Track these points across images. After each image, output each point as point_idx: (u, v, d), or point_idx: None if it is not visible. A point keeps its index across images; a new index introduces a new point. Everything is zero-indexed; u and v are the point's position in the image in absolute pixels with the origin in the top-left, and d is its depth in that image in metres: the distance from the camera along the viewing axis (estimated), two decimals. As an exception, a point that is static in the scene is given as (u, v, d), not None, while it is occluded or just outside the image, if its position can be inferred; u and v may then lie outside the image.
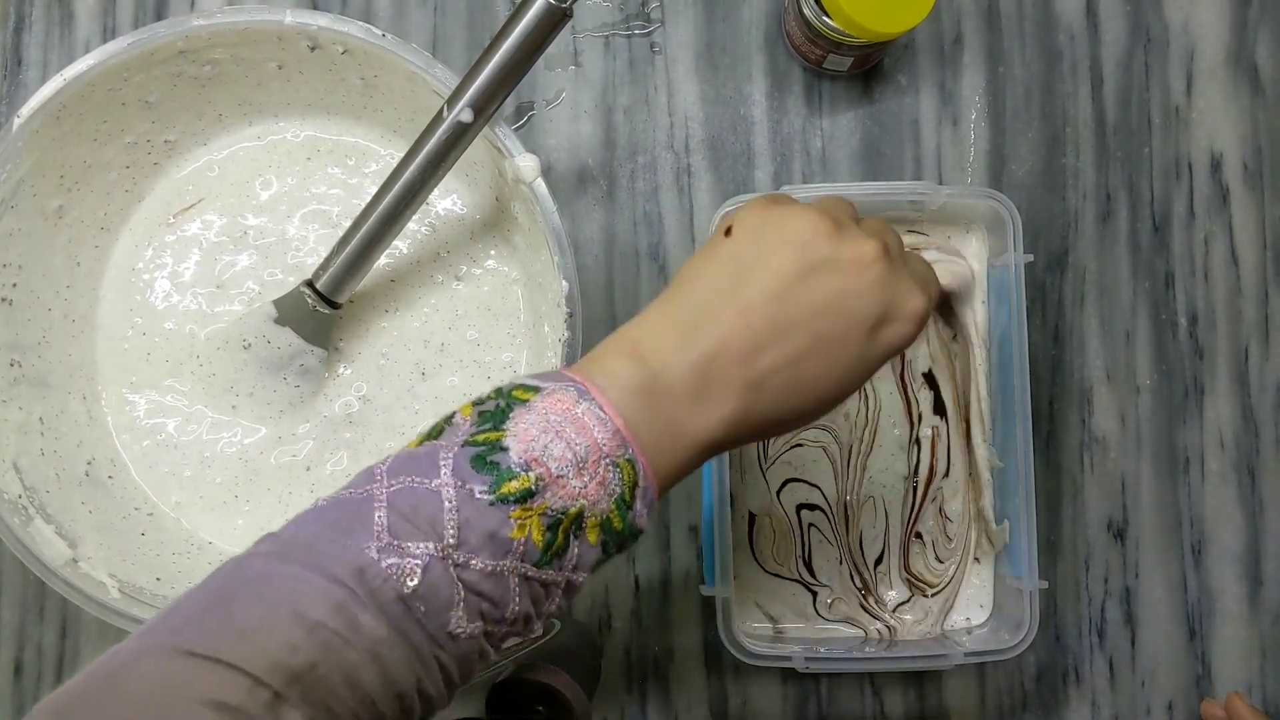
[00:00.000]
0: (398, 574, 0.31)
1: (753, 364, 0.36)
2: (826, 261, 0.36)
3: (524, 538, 0.33)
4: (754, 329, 0.36)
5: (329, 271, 0.52)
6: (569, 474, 0.33)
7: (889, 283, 0.37)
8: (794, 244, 0.36)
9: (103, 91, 0.51)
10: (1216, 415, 0.60)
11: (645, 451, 0.35)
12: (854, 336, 0.37)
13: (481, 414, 0.35)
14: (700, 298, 0.37)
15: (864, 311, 0.36)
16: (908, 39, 0.61)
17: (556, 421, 0.34)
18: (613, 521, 0.34)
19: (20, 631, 0.59)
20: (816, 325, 0.36)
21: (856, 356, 0.37)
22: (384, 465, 0.34)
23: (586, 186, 0.60)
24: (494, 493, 0.32)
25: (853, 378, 0.37)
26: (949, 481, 0.58)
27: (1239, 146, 0.61)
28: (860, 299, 0.36)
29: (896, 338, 0.38)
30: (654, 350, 0.36)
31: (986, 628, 0.57)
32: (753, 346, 0.36)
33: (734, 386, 0.35)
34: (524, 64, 0.47)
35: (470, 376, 0.57)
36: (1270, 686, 0.59)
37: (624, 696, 0.59)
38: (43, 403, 0.54)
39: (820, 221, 0.37)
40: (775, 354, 0.36)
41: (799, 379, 0.36)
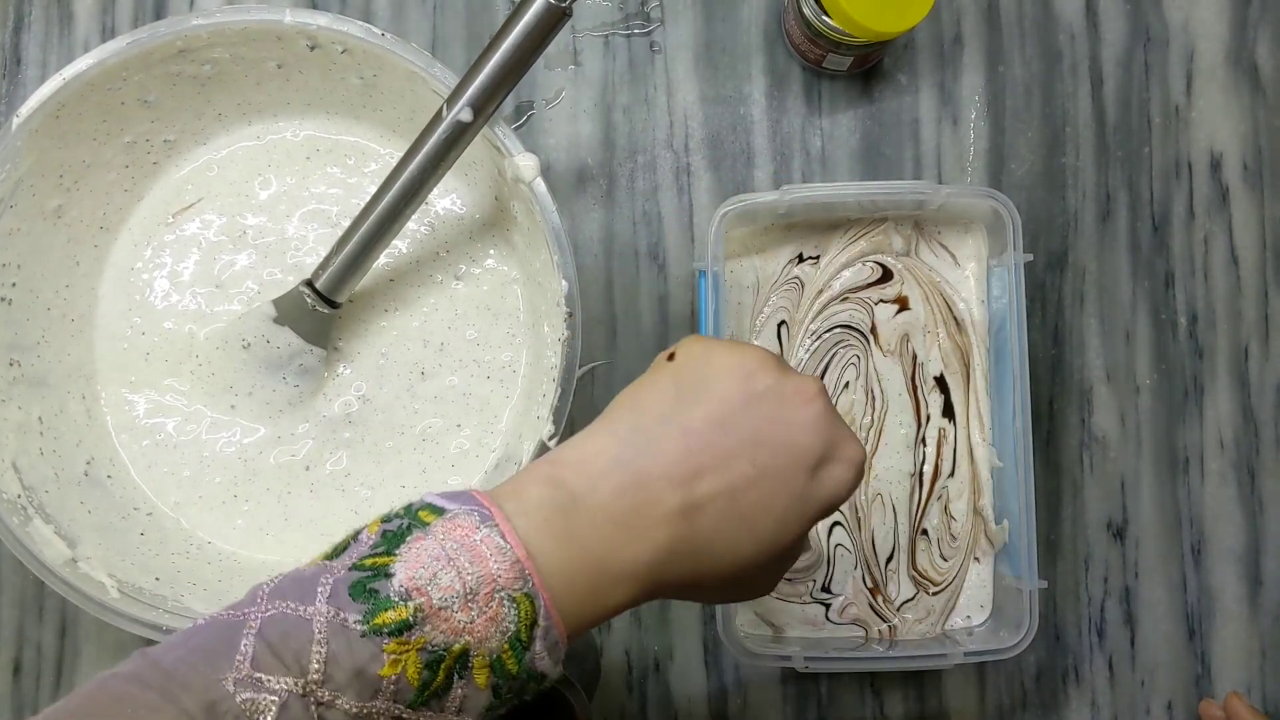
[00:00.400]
0: (250, 710, 0.29)
1: (691, 489, 0.34)
2: (770, 391, 0.35)
3: (396, 675, 0.30)
4: (694, 453, 0.34)
5: (328, 271, 0.52)
6: (454, 606, 0.31)
7: (829, 421, 0.36)
8: (738, 373, 0.36)
9: (102, 91, 0.51)
10: (1216, 415, 0.60)
11: (552, 586, 0.32)
12: (796, 471, 0.35)
13: (384, 533, 0.33)
14: (639, 419, 0.35)
15: (807, 445, 0.35)
16: (907, 38, 0.61)
17: (451, 548, 0.31)
18: (505, 662, 0.31)
19: (19, 631, 0.59)
20: (759, 455, 0.35)
21: (797, 494, 0.35)
22: (269, 584, 0.32)
23: (586, 186, 0.60)
24: (368, 623, 0.30)
25: (792, 519, 0.35)
26: (954, 481, 0.58)
27: (1239, 146, 0.61)
28: (803, 432, 0.35)
29: (837, 482, 0.36)
30: (579, 474, 0.34)
31: (986, 627, 0.57)
32: (692, 471, 0.34)
33: (667, 512, 0.33)
34: (523, 63, 0.47)
35: (469, 376, 0.57)
36: (1270, 686, 0.59)
37: (624, 696, 0.59)
38: (42, 402, 0.54)
39: (764, 355, 0.36)
40: (715, 480, 0.34)
41: (738, 510, 0.34)
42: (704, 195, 0.60)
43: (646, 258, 0.60)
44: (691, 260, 0.60)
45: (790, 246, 0.59)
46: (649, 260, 0.60)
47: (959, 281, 0.59)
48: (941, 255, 0.59)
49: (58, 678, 0.59)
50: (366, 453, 0.56)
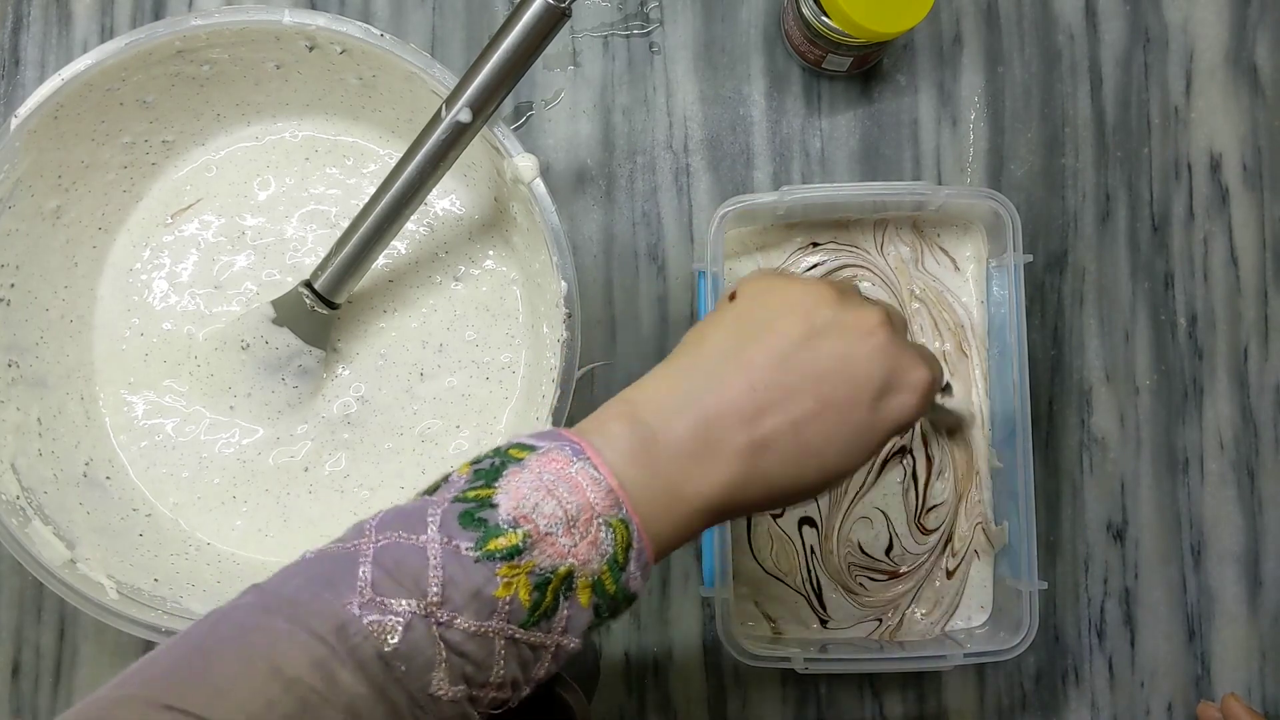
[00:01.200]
0: (379, 631, 0.30)
1: (756, 426, 0.35)
2: (830, 325, 0.36)
3: (510, 596, 0.32)
4: (757, 390, 0.35)
5: (327, 272, 0.52)
6: (558, 531, 0.32)
7: (892, 351, 0.37)
8: (798, 308, 0.36)
9: (100, 91, 0.51)
10: (1216, 416, 0.60)
11: (640, 513, 0.34)
12: (859, 402, 0.36)
13: (476, 471, 0.34)
14: (703, 360, 0.36)
15: (868, 376, 0.36)
16: (907, 39, 0.61)
17: (549, 480, 0.33)
18: (605, 583, 0.33)
19: (18, 632, 0.59)
20: (821, 389, 0.36)
21: (862, 424, 0.36)
22: (374, 520, 0.33)
23: (585, 186, 0.60)
24: (480, 549, 0.32)
25: (857, 447, 0.37)
26: (954, 481, 0.58)
27: (1238, 147, 0.61)
28: (865, 364, 0.36)
29: (901, 408, 0.37)
30: (654, 411, 0.35)
31: (986, 628, 0.57)
32: (756, 408, 0.35)
33: (736, 448, 0.35)
34: (523, 64, 0.47)
35: (469, 377, 0.57)
36: (1270, 687, 0.59)
37: (623, 697, 0.59)
38: (40, 403, 0.53)
39: (824, 289, 0.37)
40: (779, 416, 0.35)
41: (803, 444, 0.35)
42: (703, 196, 0.60)
43: (646, 258, 0.60)
44: (691, 261, 0.60)
45: (790, 247, 0.59)
46: (648, 261, 0.60)
47: (958, 283, 0.59)
48: (941, 256, 0.59)
49: (56, 679, 0.58)
50: (365, 454, 0.56)
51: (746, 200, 0.55)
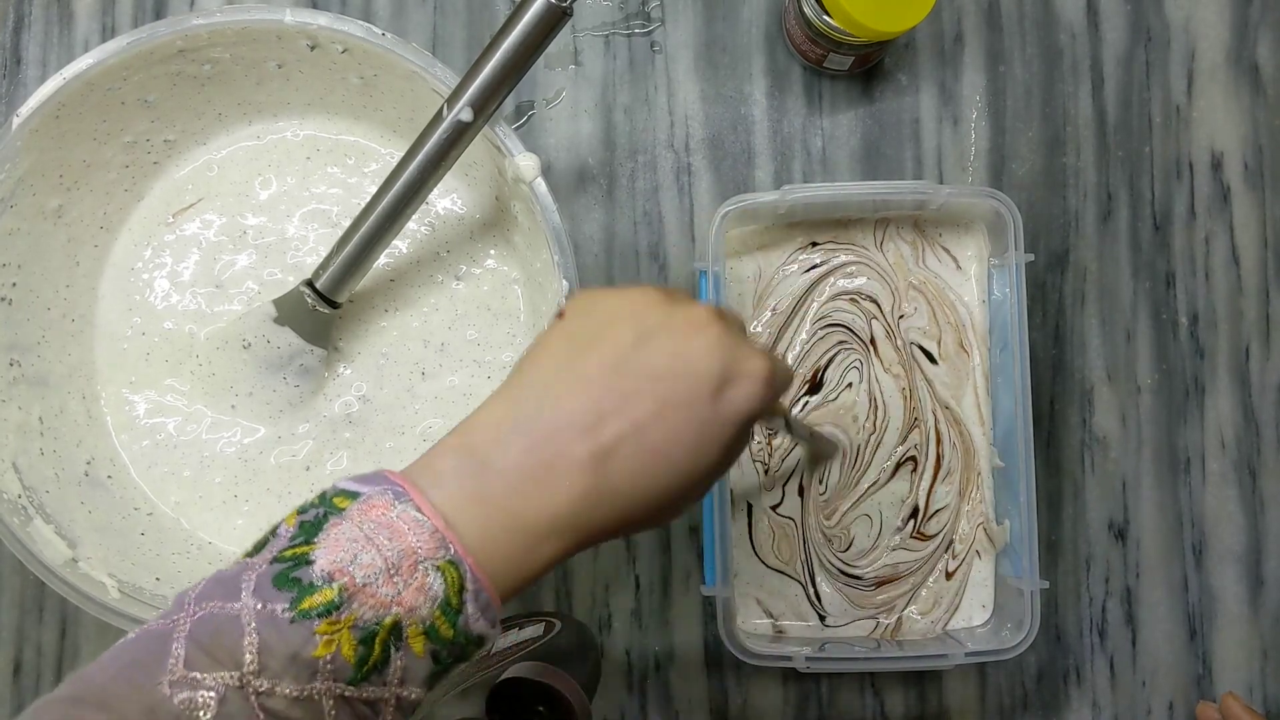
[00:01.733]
0: (189, 709, 0.29)
1: (596, 435, 0.34)
2: (661, 326, 0.35)
3: (331, 654, 0.31)
4: (594, 399, 0.34)
5: (328, 271, 0.52)
6: (378, 581, 0.31)
7: (727, 343, 0.36)
8: (627, 315, 0.36)
9: (102, 91, 0.51)
10: (1217, 415, 0.60)
11: (475, 550, 0.33)
12: (698, 397, 0.35)
13: (301, 524, 0.33)
14: (536, 379, 0.35)
15: (704, 370, 0.35)
16: (908, 38, 0.61)
17: (369, 528, 0.32)
18: (439, 628, 0.32)
19: (19, 631, 0.59)
20: (659, 388, 0.35)
21: (706, 419, 0.35)
22: (195, 590, 0.32)
23: (586, 186, 0.60)
24: (295, 609, 0.31)
25: (707, 443, 0.35)
26: (955, 481, 0.58)
27: (1240, 146, 0.61)
28: (700, 358, 0.35)
29: (744, 398, 0.36)
30: (486, 439, 0.34)
31: (987, 628, 0.57)
32: (595, 417, 0.34)
33: (577, 462, 0.34)
34: (524, 63, 0.47)
35: (470, 376, 0.57)
36: (1271, 687, 0.59)
37: (624, 696, 0.59)
38: (42, 402, 0.53)
39: (650, 293, 0.37)
40: (619, 422, 0.34)
41: (649, 447, 0.34)
42: (705, 195, 0.60)
43: (647, 257, 0.60)
44: (692, 260, 0.60)
45: (791, 246, 0.59)
46: (650, 260, 0.60)
47: (959, 281, 0.59)
48: (942, 256, 0.59)
49: (58, 677, 0.59)
50: (367, 453, 0.56)
51: (748, 199, 0.55)
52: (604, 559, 0.59)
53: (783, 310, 0.58)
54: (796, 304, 0.58)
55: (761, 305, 0.58)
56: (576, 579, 0.59)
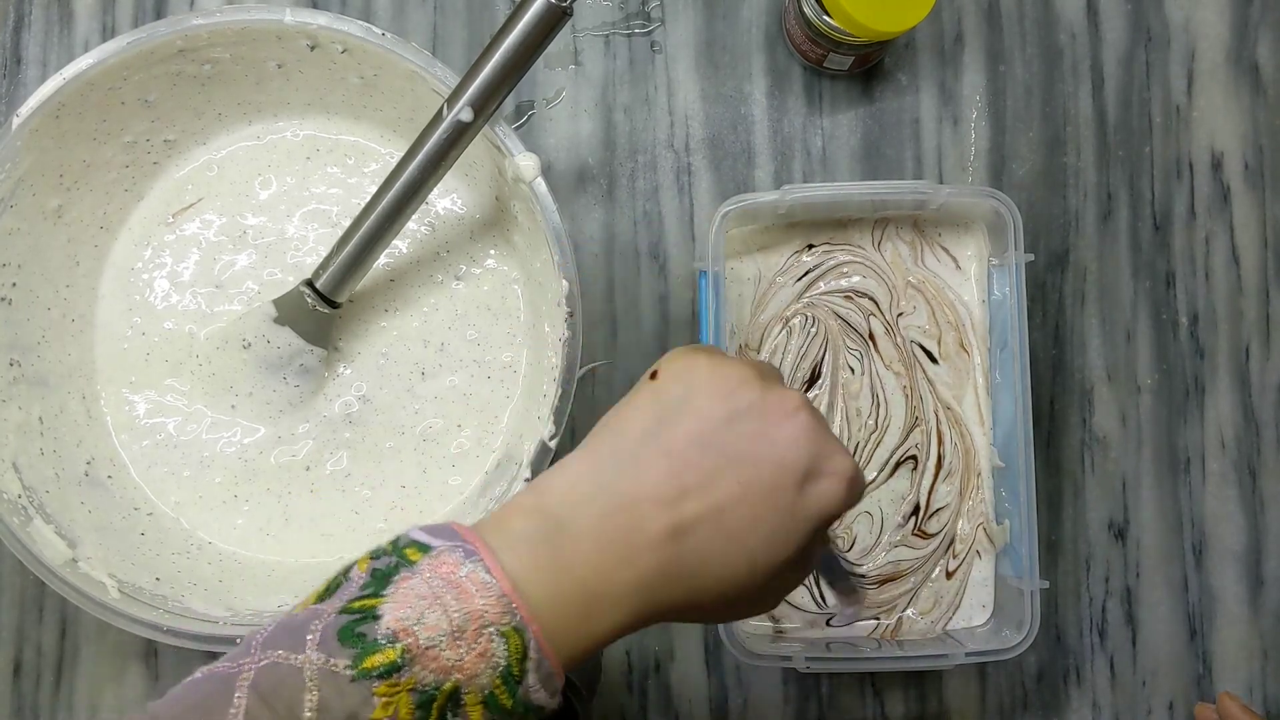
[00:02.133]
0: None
1: (677, 510, 0.33)
2: (752, 407, 0.35)
3: (388, 717, 0.30)
4: (677, 472, 0.33)
5: (328, 271, 0.52)
6: (442, 644, 0.30)
7: (816, 435, 0.35)
8: (720, 389, 0.35)
9: (102, 90, 0.51)
10: (1217, 415, 0.60)
11: (543, 617, 0.32)
12: (783, 486, 0.34)
13: (373, 572, 0.32)
14: (620, 442, 0.34)
15: (792, 459, 0.34)
16: (908, 38, 0.61)
17: (438, 586, 0.31)
18: (499, 697, 0.31)
19: (19, 631, 0.59)
20: (744, 472, 0.34)
21: (786, 509, 0.34)
22: (261, 635, 0.32)
23: (586, 185, 0.60)
24: (357, 667, 0.30)
25: (783, 536, 0.34)
26: (955, 481, 0.58)
27: (1240, 146, 0.61)
28: (787, 447, 0.34)
29: (827, 495, 0.35)
30: (562, 501, 0.33)
31: (987, 627, 0.57)
32: (677, 491, 0.33)
33: (655, 536, 0.33)
34: (524, 63, 0.47)
35: (470, 376, 0.57)
36: (1271, 686, 0.59)
37: (624, 696, 0.59)
38: (42, 402, 0.53)
39: (746, 369, 0.36)
40: (700, 500, 0.33)
41: (727, 530, 0.34)
42: (705, 195, 0.60)
43: (647, 257, 0.60)
44: (692, 260, 0.60)
45: (791, 246, 0.59)
46: (650, 260, 0.60)
47: (959, 281, 0.59)
48: (941, 256, 0.59)
49: (58, 678, 0.59)
50: (367, 453, 0.56)
51: (748, 199, 0.55)
52: (604, 559, 0.59)
53: (782, 309, 0.58)
54: (796, 302, 0.58)
55: (761, 305, 0.58)
56: (576, 579, 0.59)
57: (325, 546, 0.55)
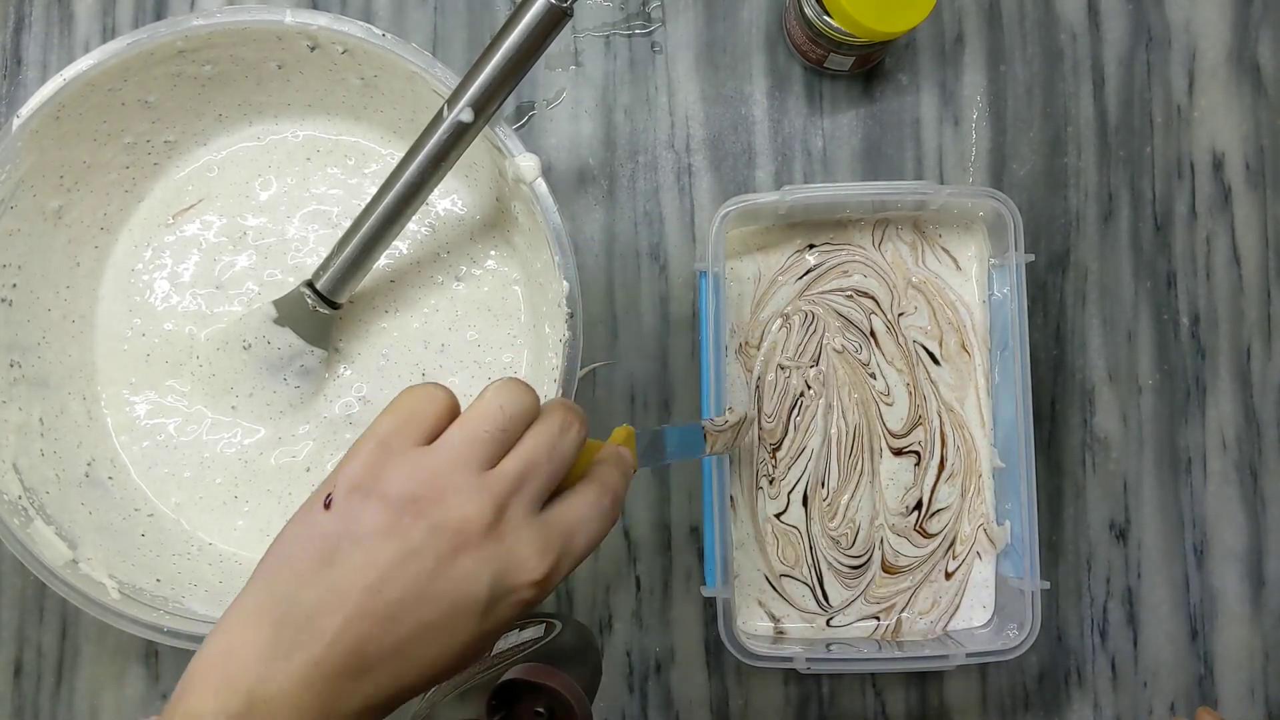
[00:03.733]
0: None
1: (360, 676, 0.32)
2: (424, 542, 0.33)
3: None
4: (356, 632, 0.32)
5: (329, 272, 0.52)
6: None
7: (496, 557, 0.34)
8: (390, 525, 0.33)
9: (102, 91, 0.51)
10: (1218, 415, 0.60)
11: None
12: (462, 618, 0.34)
13: None
14: (292, 588, 0.33)
15: (468, 594, 0.33)
16: (909, 38, 0.61)
17: None
18: None
19: (20, 632, 0.59)
20: (420, 614, 0.33)
21: (471, 635, 0.34)
22: None
23: (587, 186, 0.60)
24: None
25: (474, 650, 0.34)
26: (956, 481, 0.58)
27: (1241, 146, 0.61)
28: (462, 581, 0.33)
29: (513, 608, 0.34)
30: (245, 667, 0.32)
31: (988, 628, 0.57)
32: (358, 659, 0.32)
33: (348, 705, 0.32)
34: (524, 64, 0.47)
35: (470, 377, 0.57)
36: (1273, 686, 0.59)
37: (625, 697, 0.59)
38: (42, 403, 0.53)
39: (420, 489, 0.34)
40: (380, 647, 0.33)
41: (415, 663, 0.33)
42: (705, 195, 0.60)
43: (648, 258, 0.60)
44: (693, 260, 0.60)
45: (792, 246, 0.59)
46: (650, 261, 0.60)
47: (959, 282, 0.59)
48: (942, 256, 0.59)
49: (58, 679, 0.59)
50: (367, 454, 0.56)
51: (748, 200, 0.55)
52: (604, 560, 0.59)
53: (782, 310, 0.58)
54: (797, 300, 0.58)
55: (761, 305, 0.58)
56: (577, 580, 0.59)
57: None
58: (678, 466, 0.59)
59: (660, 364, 0.59)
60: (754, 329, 0.58)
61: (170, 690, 0.58)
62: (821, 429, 0.58)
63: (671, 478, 0.59)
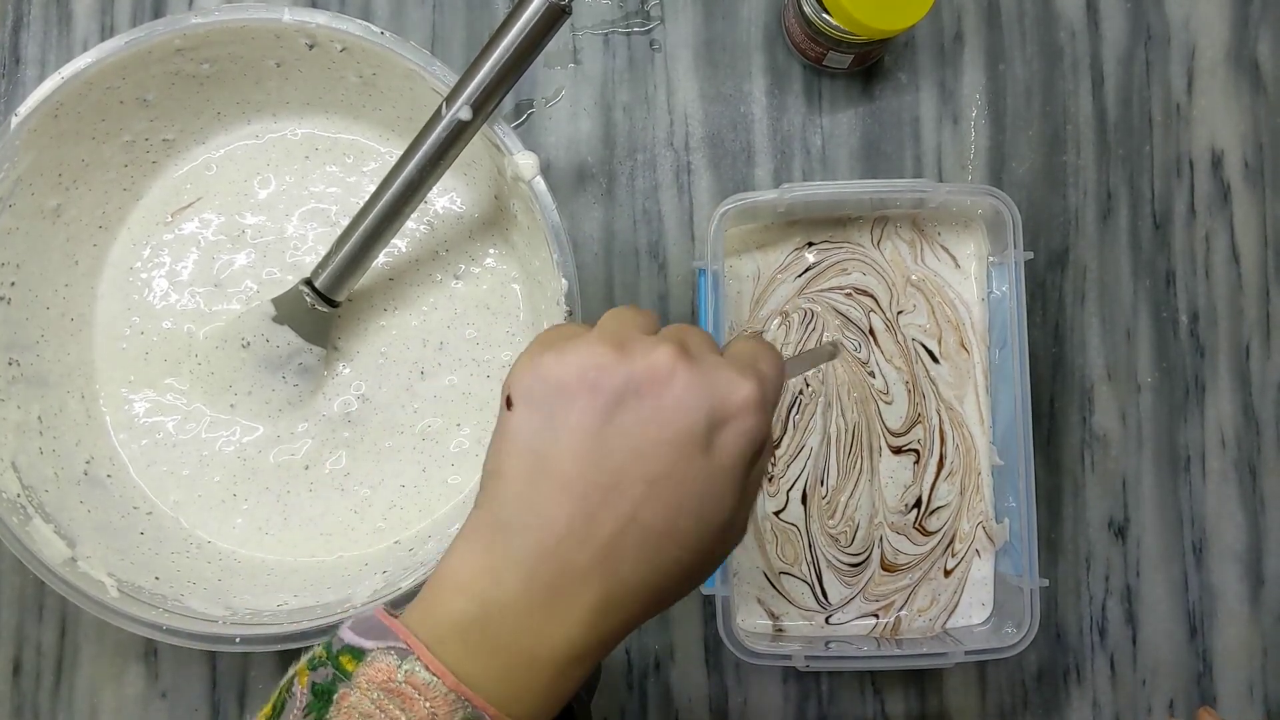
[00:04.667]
0: None
1: (593, 539, 0.31)
2: (622, 389, 0.31)
3: None
4: (578, 499, 0.31)
5: (327, 270, 0.52)
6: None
7: (700, 383, 0.32)
8: (580, 391, 0.31)
9: (101, 90, 0.51)
10: (1218, 413, 0.60)
11: (495, 697, 0.31)
12: (687, 460, 0.31)
13: (313, 687, 0.31)
14: (510, 494, 0.32)
15: (686, 427, 0.31)
16: (908, 36, 0.61)
17: (379, 698, 0.30)
18: None
19: (19, 631, 0.59)
20: (645, 467, 0.31)
21: (702, 478, 0.32)
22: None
23: (586, 184, 0.60)
24: None
25: (714, 504, 0.32)
26: (955, 479, 0.58)
27: (1240, 144, 0.61)
28: (675, 417, 0.31)
29: (739, 438, 0.32)
30: (478, 574, 0.32)
31: (987, 626, 0.57)
32: (585, 520, 0.31)
33: (581, 574, 0.31)
34: (523, 61, 0.47)
35: (469, 375, 0.57)
36: (1272, 685, 0.59)
37: (624, 695, 0.59)
38: (41, 402, 0.53)
39: (596, 350, 0.32)
40: (612, 516, 0.31)
41: (654, 530, 0.32)
42: (704, 193, 0.60)
43: (646, 256, 0.60)
44: (691, 259, 0.60)
45: (790, 244, 0.59)
46: (649, 259, 0.60)
47: (958, 280, 0.59)
48: (941, 254, 0.59)
49: (57, 677, 0.59)
50: (366, 452, 0.56)
51: (747, 198, 0.55)
52: (604, 558, 0.59)
53: (781, 304, 0.58)
54: (796, 297, 0.58)
55: (760, 303, 0.58)
56: (576, 578, 0.59)
57: (324, 545, 0.55)
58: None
59: (659, 362, 0.59)
60: (753, 327, 0.58)
61: (170, 688, 0.58)
62: (820, 427, 0.58)
63: (670, 476, 0.59)
